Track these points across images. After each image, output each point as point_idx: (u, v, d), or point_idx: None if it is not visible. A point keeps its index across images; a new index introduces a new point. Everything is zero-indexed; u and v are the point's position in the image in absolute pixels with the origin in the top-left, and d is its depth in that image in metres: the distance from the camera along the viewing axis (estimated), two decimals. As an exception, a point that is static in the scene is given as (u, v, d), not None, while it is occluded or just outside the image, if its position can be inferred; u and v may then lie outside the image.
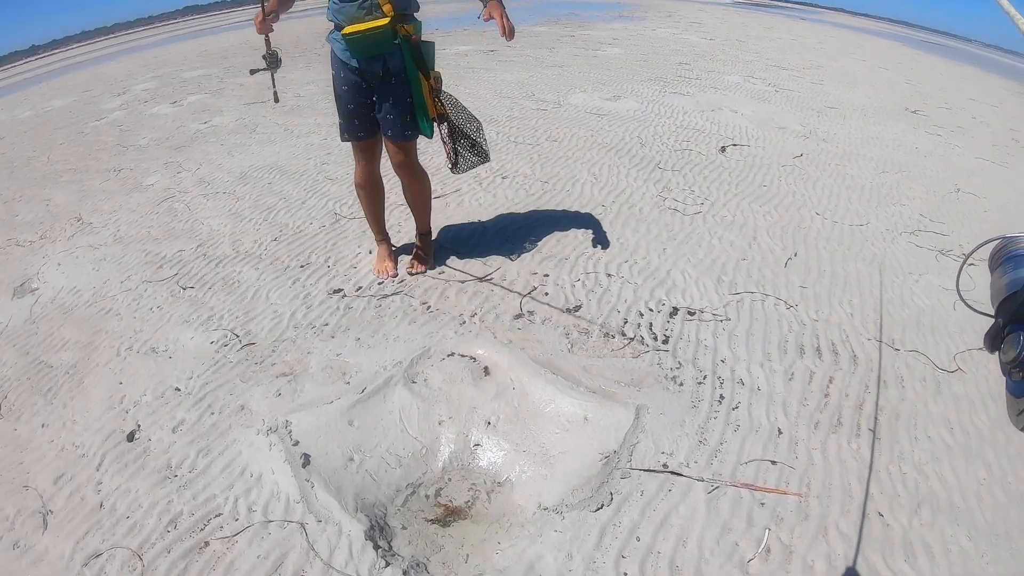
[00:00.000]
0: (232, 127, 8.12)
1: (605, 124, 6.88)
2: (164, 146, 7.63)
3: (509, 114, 7.35)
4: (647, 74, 10.29)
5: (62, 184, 6.75)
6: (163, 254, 4.52)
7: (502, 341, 3.11)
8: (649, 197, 4.82)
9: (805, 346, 3.14)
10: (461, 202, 4.76)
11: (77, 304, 4.05)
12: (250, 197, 5.39)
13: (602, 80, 9.59)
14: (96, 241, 4.94)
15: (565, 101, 8.03)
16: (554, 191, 4.90)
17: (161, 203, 5.55)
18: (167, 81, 13.39)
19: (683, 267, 3.77)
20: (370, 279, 3.81)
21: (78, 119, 10.82)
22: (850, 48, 18.80)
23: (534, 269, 3.74)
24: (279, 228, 4.68)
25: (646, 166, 5.51)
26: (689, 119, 7.26)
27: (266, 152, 6.71)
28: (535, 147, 6.01)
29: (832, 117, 8.00)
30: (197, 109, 9.72)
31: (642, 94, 8.53)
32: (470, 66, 11.01)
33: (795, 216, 4.64)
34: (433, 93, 3.24)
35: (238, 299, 3.77)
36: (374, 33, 3.09)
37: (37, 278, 4.52)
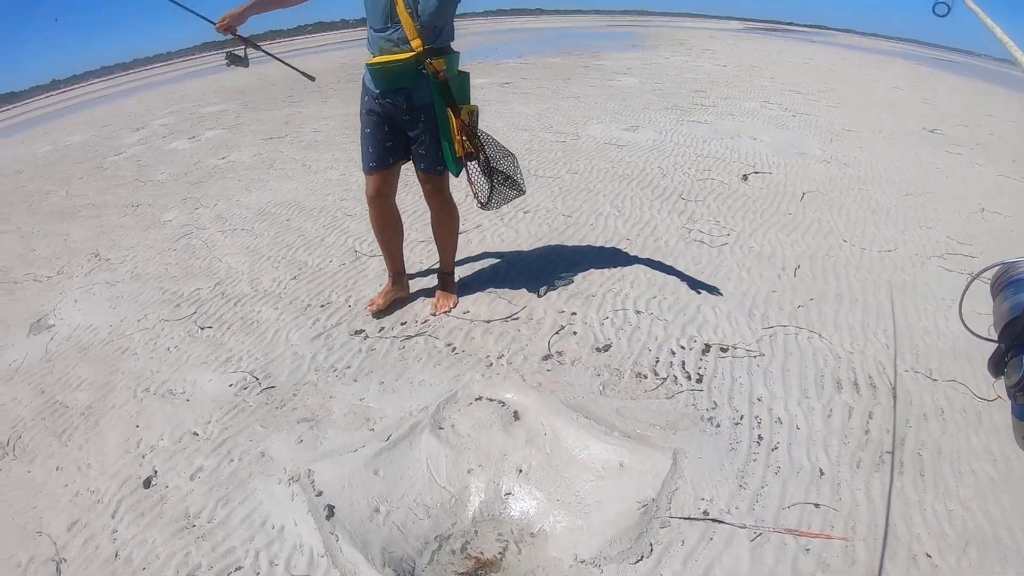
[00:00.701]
0: (250, 163, 8.15)
1: (625, 155, 6.85)
2: (182, 182, 7.67)
3: (528, 147, 7.33)
4: (664, 103, 10.28)
5: (80, 219, 6.78)
6: (181, 292, 4.49)
7: (531, 384, 3.03)
8: (674, 229, 4.75)
9: (842, 380, 3.04)
10: (483, 238, 4.71)
11: (93, 342, 4.01)
12: (268, 234, 5.36)
13: (619, 110, 9.58)
14: (113, 278, 4.93)
15: (583, 132, 8.01)
16: (577, 225, 4.84)
17: (179, 240, 5.55)
18: (185, 117, 13.53)
19: (713, 302, 3.68)
20: (393, 319, 3.74)
21: (97, 154, 10.93)
22: (864, 69, 18.76)
23: (561, 307, 3.67)
24: (298, 266, 4.64)
25: (669, 197, 5.46)
26: (709, 147, 7.22)
27: (284, 188, 6.71)
28: (556, 180, 5.97)
29: (851, 140, 7.93)
30: (215, 145, 9.79)
31: (660, 124, 8.51)
32: (486, 99, 11.05)
33: (823, 244, 4.56)
34: (463, 130, 3.18)
35: (257, 340, 3.71)
36: (396, 66, 3.07)
37: (54, 314, 4.50)
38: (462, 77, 3.25)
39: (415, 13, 3.00)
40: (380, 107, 3.26)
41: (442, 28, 3.12)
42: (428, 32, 3.05)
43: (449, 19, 3.15)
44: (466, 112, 3.18)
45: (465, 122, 3.17)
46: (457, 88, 3.18)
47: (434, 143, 3.26)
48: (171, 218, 6.25)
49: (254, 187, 6.90)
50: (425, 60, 3.05)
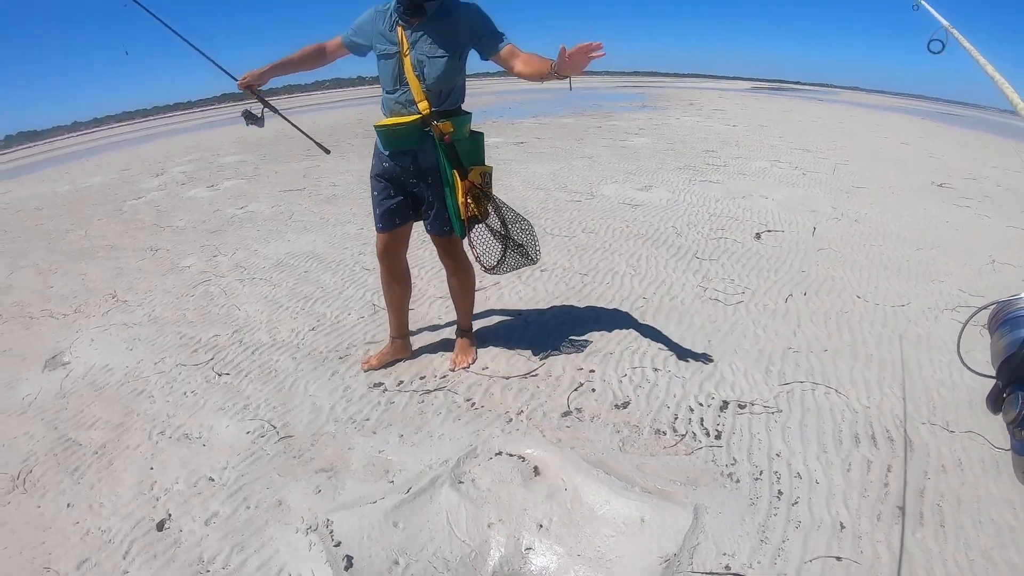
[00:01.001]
0: (268, 214, 8.30)
1: (639, 215, 6.95)
2: (200, 229, 7.82)
3: (543, 206, 7.45)
4: (676, 163, 10.44)
5: (98, 260, 6.90)
6: (198, 338, 4.55)
7: (551, 440, 3.06)
8: (690, 288, 4.82)
9: (860, 435, 3.07)
10: (501, 296, 4.78)
11: (109, 382, 4.06)
12: (287, 285, 5.45)
13: (632, 170, 9.74)
14: (131, 320, 5.01)
15: (598, 192, 8.14)
16: (594, 284, 4.91)
17: (197, 286, 5.65)
18: (204, 165, 13.79)
19: (730, 359, 3.72)
20: (411, 373, 3.77)
21: (116, 197, 11.16)
22: (870, 126, 18.99)
23: (579, 364, 3.71)
24: (316, 318, 4.70)
25: (684, 256, 5.53)
26: (721, 207, 7.32)
27: (302, 240, 6.83)
28: (571, 239, 6.07)
29: (861, 197, 8.03)
30: (234, 194, 9.98)
31: (673, 183, 8.65)
32: (501, 158, 11.24)
33: (836, 301, 4.61)
34: (470, 191, 3.18)
35: (275, 389, 3.74)
36: (401, 128, 3.13)
37: (69, 352, 4.57)
38: (475, 138, 3.29)
39: (422, 76, 3.07)
40: (389, 168, 3.32)
41: (450, 91, 3.17)
42: (434, 95, 3.11)
43: (458, 82, 3.21)
44: (477, 173, 3.20)
45: (476, 183, 3.18)
46: (469, 149, 3.23)
47: (441, 205, 3.29)
48: (189, 264, 6.37)
49: (272, 238, 7.04)
50: (431, 122, 3.10)
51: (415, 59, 3.07)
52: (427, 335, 4.26)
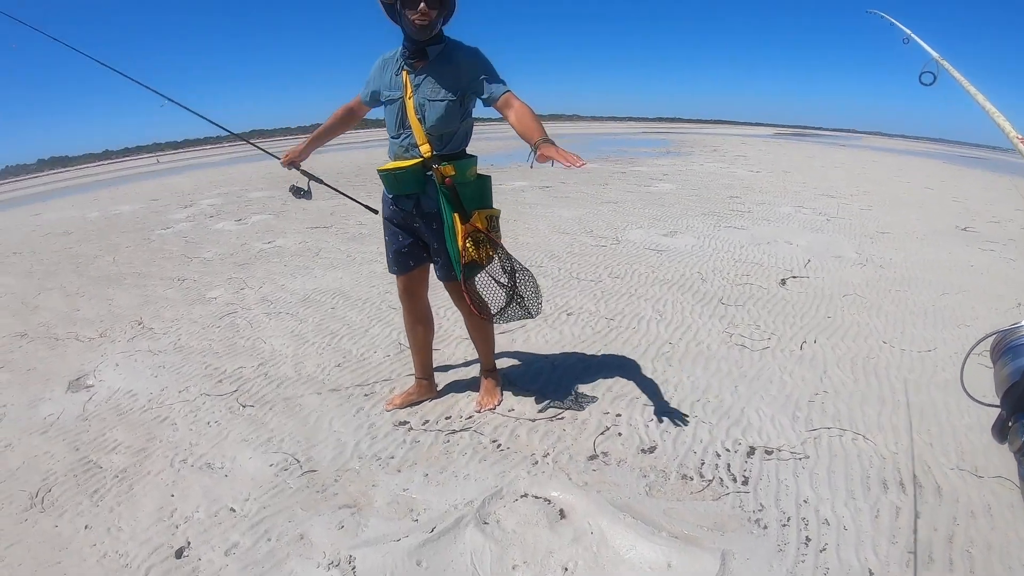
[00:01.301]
0: (295, 249, 8.43)
1: (665, 260, 6.99)
2: (228, 262, 7.96)
3: (569, 250, 7.52)
4: (700, 209, 10.50)
5: (126, 286, 7.04)
6: (224, 369, 4.60)
7: (577, 483, 3.07)
8: (715, 333, 4.83)
9: (888, 480, 3.05)
10: (527, 338, 4.81)
11: (132, 408, 4.10)
12: (313, 320, 5.50)
13: (657, 216, 9.81)
14: (156, 347, 5.09)
15: (623, 237, 8.21)
16: (620, 328, 4.93)
17: (223, 317, 5.73)
18: (232, 199, 14.01)
19: (757, 404, 3.72)
20: (437, 413, 3.79)
21: (145, 226, 11.38)
22: (893, 171, 18.99)
23: (605, 408, 3.73)
24: (342, 354, 4.74)
25: (709, 301, 5.55)
26: (746, 252, 7.36)
27: (329, 277, 6.91)
28: (597, 283, 6.11)
29: (886, 242, 8.03)
30: (261, 229, 10.15)
31: (698, 229, 8.70)
32: (527, 202, 11.36)
33: (863, 347, 4.60)
34: (470, 236, 3.12)
35: (300, 423, 3.76)
36: (403, 172, 3.16)
37: (93, 375, 4.65)
38: (481, 181, 3.28)
39: (423, 119, 3.10)
40: (395, 212, 3.36)
41: (452, 135, 3.18)
42: (436, 138, 3.13)
43: (461, 127, 3.22)
44: (482, 217, 3.15)
45: (480, 227, 3.13)
46: (475, 193, 3.20)
47: (445, 249, 3.26)
48: (216, 295, 6.48)
49: (299, 273, 7.14)
50: (433, 165, 3.11)
51: (417, 103, 3.11)
52: (453, 375, 4.28)
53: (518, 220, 9.45)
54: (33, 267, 8.82)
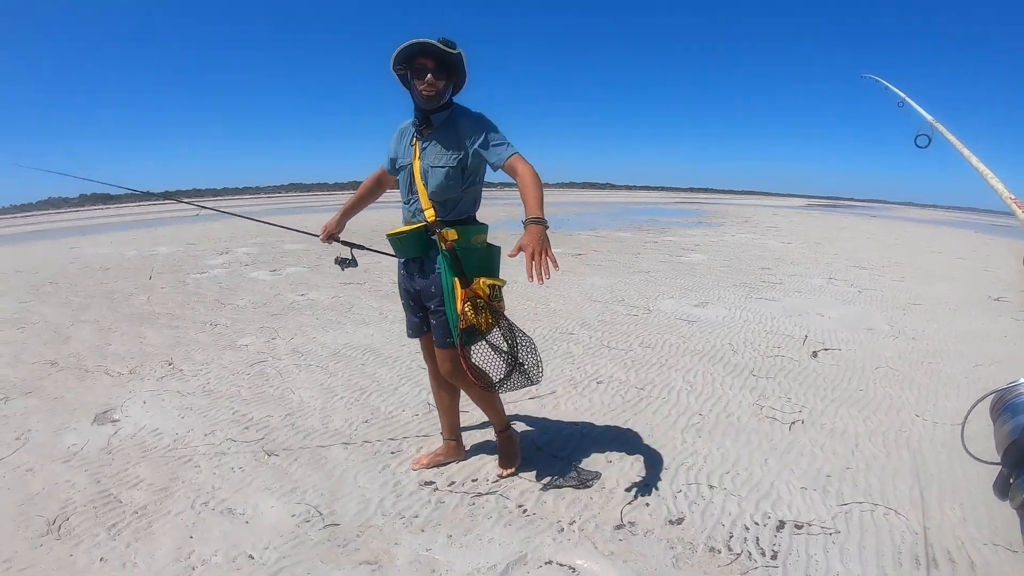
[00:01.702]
0: (328, 303, 8.56)
1: (696, 330, 7.02)
2: (261, 311, 8.10)
3: (600, 319, 7.57)
4: (732, 280, 10.53)
5: (158, 326, 7.18)
6: (251, 416, 4.64)
7: (603, 552, 3.07)
8: (746, 405, 4.83)
9: (920, 557, 3.02)
10: (557, 405, 4.83)
11: (157, 446, 4.15)
12: (343, 375, 5.54)
13: (689, 286, 9.86)
14: (185, 388, 5.17)
15: (655, 307, 8.25)
16: (650, 398, 4.95)
17: (253, 365, 5.81)
18: (268, 249, 14.25)
19: (787, 478, 3.71)
20: (464, 475, 3.79)
21: (181, 269, 11.64)
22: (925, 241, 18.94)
23: (633, 478, 3.73)
24: (371, 410, 4.75)
25: (740, 373, 5.56)
26: (778, 324, 7.36)
27: (360, 333, 6.98)
28: (628, 352, 6.14)
29: (918, 314, 8.02)
30: (295, 281, 10.35)
31: (729, 300, 8.73)
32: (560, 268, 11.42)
33: (895, 420, 4.58)
34: (469, 301, 3.09)
35: (324, 476, 3.76)
36: (407, 236, 3.23)
37: (120, 410, 4.73)
38: (489, 250, 3.29)
39: (427, 184, 3.18)
40: (403, 278, 3.47)
41: (456, 201, 3.23)
42: (440, 204, 3.18)
43: (466, 192, 3.26)
44: (484, 284, 3.13)
45: (480, 294, 3.11)
46: (481, 261, 3.21)
47: (443, 316, 3.26)
48: (247, 343, 6.58)
49: (331, 327, 7.22)
50: (436, 230, 3.15)
51: (422, 168, 3.19)
52: (481, 435, 4.29)
53: (550, 287, 9.53)
54: (68, 298, 9.07)
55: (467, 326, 3.10)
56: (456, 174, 3.16)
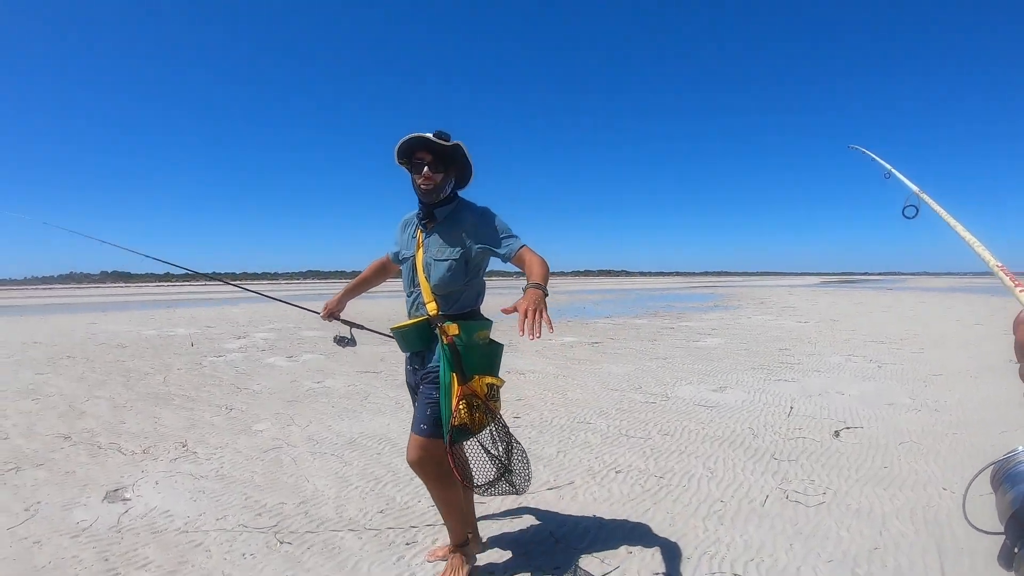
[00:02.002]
0: (344, 391, 8.56)
1: (715, 416, 6.98)
2: (277, 397, 8.11)
3: (618, 407, 7.54)
4: (749, 363, 10.52)
5: (173, 407, 7.22)
6: (264, 502, 4.58)
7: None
8: (768, 489, 4.76)
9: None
10: (575, 495, 4.76)
11: (167, 528, 4.11)
12: (358, 464, 5.48)
13: (706, 371, 9.84)
14: (198, 471, 5.15)
15: (672, 393, 8.22)
16: (670, 486, 4.88)
17: (268, 451, 5.78)
18: (285, 335, 14.36)
19: (813, 563, 3.64)
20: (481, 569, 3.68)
21: (198, 351, 11.73)
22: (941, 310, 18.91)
23: (656, 568, 3.66)
24: (386, 500, 4.67)
25: (761, 457, 5.50)
26: (798, 405, 7.32)
27: (376, 422, 6.94)
28: (647, 440, 6.10)
29: (939, 385, 7.98)
30: (312, 368, 10.39)
31: (747, 383, 8.70)
32: (576, 357, 11.49)
33: (921, 496, 4.51)
34: (464, 398, 2.99)
35: (337, 566, 3.68)
36: (409, 329, 3.22)
37: (132, 489, 4.72)
38: (491, 348, 3.21)
39: (429, 279, 3.17)
40: (409, 372, 3.42)
41: (459, 294, 3.19)
42: (442, 298, 3.16)
43: (468, 287, 3.23)
44: (482, 383, 3.06)
45: (477, 392, 3.03)
46: (481, 359, 3.11)
47: (428, 403, 3.14)
48: (263, 429, 6.56)
49: (347, 416, 7.19)
50: (438, 324, 3.11)
51: (424, 261, 3.18)
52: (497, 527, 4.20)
53: (567, 376, 9.55)
54: (85, 373, 9.15)
55: (459, 424, 3.00)
56: (459, 267, 3.14)
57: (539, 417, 6.92)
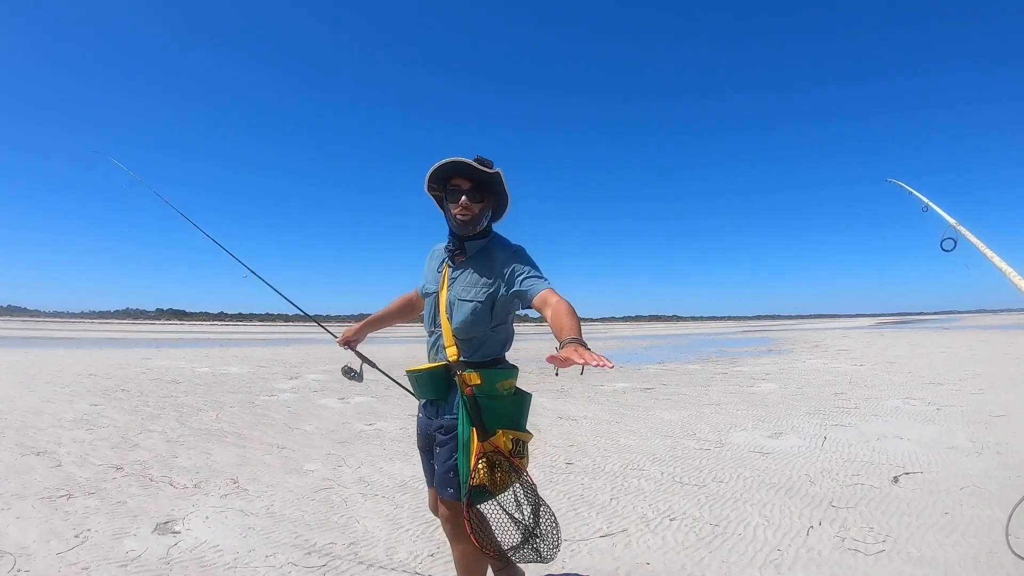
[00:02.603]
0: (396, 434, 8.60)
1: (770, 463, 6.89)
2: (328, 437, 8.17)
3: (672, 453, 7.48)
4: (805, 408, 10.38)
5: (226, 444, 7.34)
6: (314, 542, 4.60)
7: None
8: (826, 538, 4.68)
9: None
10: (628, 543, 4.71)
11: (216, 563, 4.15)
12: (409, 507, 5.46)
13: (761, 416, 9.73)
14: (248, 508, 5.20)
15: (727, 440, 8.14)
16: (725, 535, 4.83)
17: (319, 491, 5.81)
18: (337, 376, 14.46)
19: (873, 611, 3.61)
20: None
21: (251, 390, 11.91)
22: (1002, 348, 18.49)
23: (713, 619, 3.66)
24: (436, 544, 4.65)
25: (819, 505, 5.42)
26: (855, 451, 7.21)
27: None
28: (701, 488, 6.05)
29: (1002, 426, 7.81)
30: (364, 410, 10.48)
31: (803, 429, 8.58)
32: (628, 403, 11.44)
33: (985, 542, 4.41)
34: (484, 456, 2.68)
35: None
36: (426, 374, 2.91)
37: (182, 522, 4.79)
38: (518, 398, 2.90)
39: (451, 318, 2.90)
40: (422, 419, 3.14)
41: (483, 340, 2.90)
42: (464, 342, 2.87)
43: (494, 333, 2.94)
44: (507, 439, 2.73)
45: (501, 449, 2.70)
46: (505, 410, 2.80)
47: (447, 460, 2.85)
48: (314, 469, 6.62)
49: (398, 459, 7.22)
50: (457, 371, 2.81)
51: (449, 299, 2.93)
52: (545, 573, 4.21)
53: (619, 422, 9.51)
54: (138, 407, 9.36)
55: (478, 483, 2.67)
56: (484, 311, 2.86)
57: (592, 463, 6.91)
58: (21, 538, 4.51)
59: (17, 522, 4.82)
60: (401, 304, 3.59)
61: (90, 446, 7.20)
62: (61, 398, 10.97)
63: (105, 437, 7.41)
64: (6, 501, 5.33)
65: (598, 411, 10.65)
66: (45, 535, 4.57)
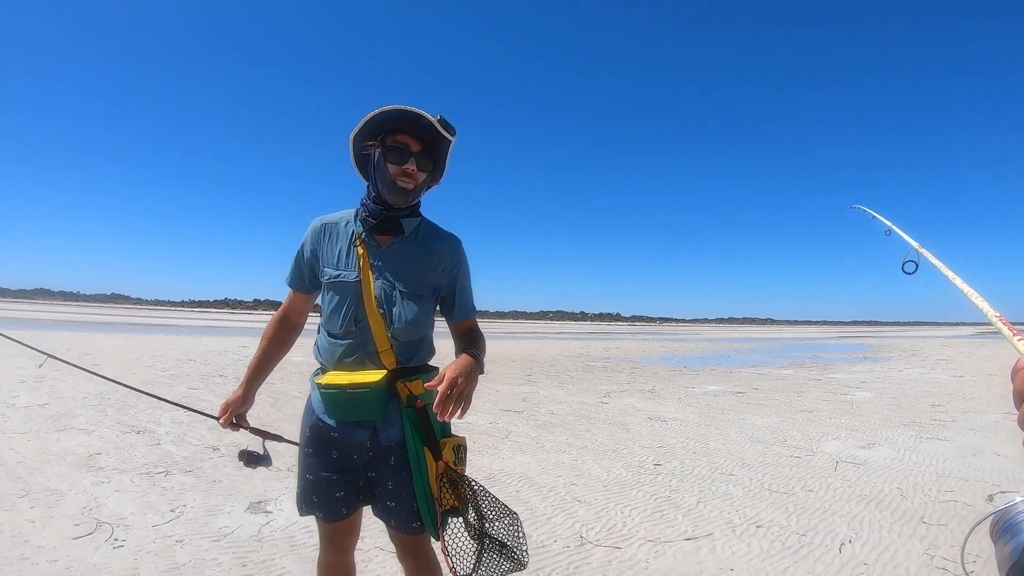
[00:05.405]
0: (485, 428, 8.84)
1: (862, 474, 6.85)
2: None
3: (761, 459, 7.52)
4: (900, 419, 10.19)
5: None
6: None
7: None
8: (915, 556, 4.67)
9: None
10: (713, 547, 4.78)
11: (306, 543, 4.35)
12: None
13: (854, 426, 9.62)
14: None
15: (818, 448, 8.11)
16: (811, 545, 4.87)
17: None
18: None
19: (961, 632, 3.60)
20: None
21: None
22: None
23: (795, 633, 3.71)
24: None
25: (909, 520, 5.39)
26: (950, 466, 7.09)
27: (516, 460, 7.14)
28: (790, 496, 6.08)
29: (1109, 448, 7.48)
30: None
31: (897, 441, 8.46)
32: (720, 407, 11.43)
33: (1084, 573, 4.34)
34: (444, 476, 2.27)
35: None
36: (360, 391, 2.19)
37: (274, 503, 5.02)
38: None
39: (388, 317, 2.29)
40: (329, 444, 2.39)
41: (420, 340, 2.39)
42: (403, 344, 2.31)
43: (430, 331, 2.46)
44: (450, 448, 2.31)
45: (449, 463, 2.28)
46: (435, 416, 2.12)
47: (411, 495, 2.30)
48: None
49: (487, 452, 7.42)
50: (398, 382, 2.27)
51: (381, 291, 2.29)
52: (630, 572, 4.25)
53: (710, 425, 9.55)
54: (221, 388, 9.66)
55: (449, 508, 2.26)
56: (429, 308, 2.41)
57: (680, 465, 7.00)
58: (119, 509, 4.90)
59: (116, 495, 5.23)
60: (276, 332, 2.68)
61: (188, 427, 7.65)
62: (161, 381, 11.63)
63: (202, 419, 7.80)
64: (107, 474, 5.77)
65: (689, 413, 10.70)
66: (142, 508, 4.94)
